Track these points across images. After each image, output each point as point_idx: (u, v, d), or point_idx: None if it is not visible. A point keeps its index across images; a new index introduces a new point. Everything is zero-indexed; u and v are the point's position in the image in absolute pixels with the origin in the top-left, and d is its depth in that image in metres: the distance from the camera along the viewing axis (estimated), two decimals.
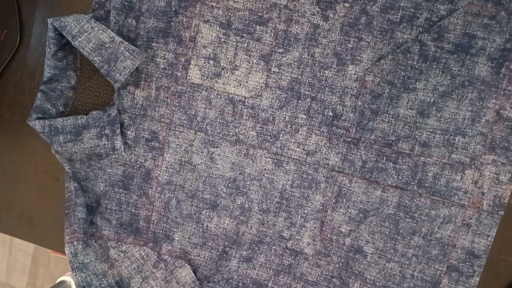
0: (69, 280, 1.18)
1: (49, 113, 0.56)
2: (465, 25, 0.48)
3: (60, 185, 0.62)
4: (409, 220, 0.52)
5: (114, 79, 0.52)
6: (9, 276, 1.46)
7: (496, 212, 0.50)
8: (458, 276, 0.51)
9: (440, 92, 0.49)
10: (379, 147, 0.51)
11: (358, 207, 0.53)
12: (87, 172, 0.58)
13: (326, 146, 0.53)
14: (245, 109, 0.54)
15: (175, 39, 0.54)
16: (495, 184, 0.50)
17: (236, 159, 0.55)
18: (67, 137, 0.54)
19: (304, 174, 0.53)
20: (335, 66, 0.51)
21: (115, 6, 0.53)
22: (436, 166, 0.50)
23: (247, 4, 0.52)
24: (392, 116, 0.51)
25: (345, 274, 0.54)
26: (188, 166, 0.56)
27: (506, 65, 0.48)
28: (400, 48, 0.49)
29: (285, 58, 0.52)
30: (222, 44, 0.53)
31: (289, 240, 0.55)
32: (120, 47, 0.51)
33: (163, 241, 0.57)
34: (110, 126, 0.54)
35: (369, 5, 0.50)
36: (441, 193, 0.51)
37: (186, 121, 0.55)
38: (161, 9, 0.53)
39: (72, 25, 0.51)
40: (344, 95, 0.52)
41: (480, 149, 0.49)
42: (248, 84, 0.53)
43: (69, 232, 0.57)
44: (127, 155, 0.57)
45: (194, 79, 0.54)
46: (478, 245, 0.50)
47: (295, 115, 0.53)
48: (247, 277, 0.56)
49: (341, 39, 0.51)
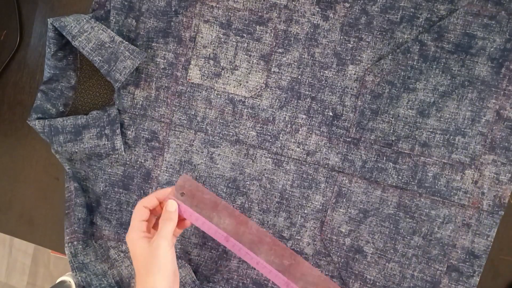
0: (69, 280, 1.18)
1: (49, 113, 0.56)
2: (465, 25, 0.48)
3: (60, 185, 0.62)
4: (409, 220, 0.52)
5: (114, 79, 0.52)
6: (9, 276, 1.46)
7: (496, 212, 0.50)
8: (458, 276, 0.51)
9: (440, 92, 0.49)
10: (379, 147, 0.51)
11: (358, 207, 0.53)
12: (87, 172, 0.58)
13: (326, 146, 0.53)
14: (245, 109, 0.54)
15: (175, 39, 0.54)
16: (495, 184, 0.50)
17: (236, 159, 0.55)
18: (67, 137, 0.54)
19: (304, 174, 0.53)
20: (335, 66, 0.51)
21: (115, 6, 0.53)
22: (436, 166, 0.50)
23: (247, 4, 0.52)
24: (392, 116, 0.51)
25: (345, 274, 0.54)
26: (188, 166, 0.56)
27: (506, 65, 0.48)
28: (400, 48, 0.49)
29: (285, 58, 0.52)
30: (222, 44, 0.53)
31: (289, 240, 0.55)
32: (120, 47, 0.51)
33: None
34: (110, 126, 0.54)
35: (369, 5, 0.50)
36: (441, 193, 0.51)
37: (186, 121, 0.55)
38: (161, 9, 0.53)
39: (72, 25, 0.51)
40: (344, 95, 0.52)
41: (480, 149, 0.49)
42: (248, 84, 0.53)
43: (69, 232, 0.57)
44: (127, 155, 0.57)
45: (194, 79, 0.54)
46: (478, 245, 0.50)
47: (295, 115, 0.53)
48: (247, 277, 0.56)
49: (341, 39, 0.51)
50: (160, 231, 0.45)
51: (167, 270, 0.45)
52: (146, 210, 0.47)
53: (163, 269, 0.44)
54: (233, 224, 0.47)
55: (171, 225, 0.46)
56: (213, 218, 0.47)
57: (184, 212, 0.47)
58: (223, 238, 0.47)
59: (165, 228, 0.45)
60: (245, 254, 0.47)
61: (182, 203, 0.47)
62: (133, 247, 0.45)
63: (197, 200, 0.47)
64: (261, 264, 0.47)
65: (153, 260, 0.44)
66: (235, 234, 0.47)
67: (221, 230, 0.47)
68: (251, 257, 0.47)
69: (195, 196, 0.47)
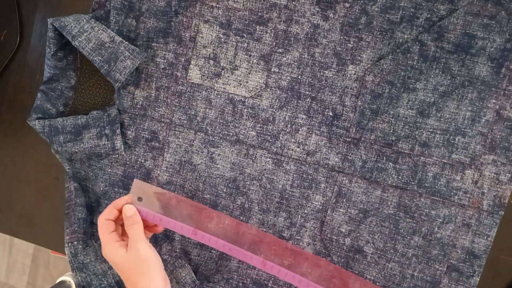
0: (69, 280, 1.18)
1: (49, 113, 0.56)
2: (465, 25, 0.48)
3: (60, 185, 0.62)
4: (409, 220, 0.52)
5: (114, 79, 0.52)
6: (9, 276, 1.46)
7: (496, 212, 0.50)
8: (458, 276, 0.51)
9: (440, 92, 0.49)
10: (379, 147, 0.51)
11: (358, 207, 0.53)
12: (87, 172, 0.58)
13: (326, 146, 0.53)
14: (245, 109, 0.54)
15: (175, 39, 0.54)
16: (495, 184, 0.50)
17: (236, 159, 0.55)
18: (67, 137, 0.54)
19: (304, 174, 0.53)
20: (335, 66, 0.51)
21: (115, 6, 0.53)
22: (436, 166, 0.50)
23: (247, 4, 0.52)
24: (392, 116, 0.51)
25: (345, 274, 0.54)
26: (188, 166, 0.56)
27: (506, 65, 0.48)
28: (400, 48, 0.49)
29: (285, 58, 0.52)
30: (222, 44, 0.53)
31: (289, 240, 0.55)
32: (120, 47, 0.51)
33: (163, 241, 0.57)
34: (110, 126, 0.54)
35: (369, 5, 0.50)
36: (441, 193, 0.51)
37: (186, 121, 0.55)
38: (161, 9, 0.53)
39: (72, 25, 0.51)
40: (344, 95, 0.52)
41: (480, 149, 0.49)
42: (248, 84, 0.53)
43: (69, 232, 0.57)
44: (127, 155, 0.57)
45: (194, 79, 0.54)
46: (478, 245, 0.50)
47: (295, 115, 0.53)
48: (247, 277, 0.56)
49: (341, 39, 0.51)
50: (131, 237, 0.45)
51: (155, 268, 0.45)
52: (110, 222, 0.47)
53: (151, 268, 0.44)
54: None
55: (138, 227, 0.46)
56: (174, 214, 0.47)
57: (146, 215, 0.47)
58: (190, 232, 0.47)
59: (134, 232, 0.45)
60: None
61: (142, 207, 0.47)
62: (113, 259, 0.45)
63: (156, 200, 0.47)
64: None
65: (138, 262, 0.44)
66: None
67: (186, 225, 0.47)
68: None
69: (152, 197, 0.48)
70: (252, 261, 0.47)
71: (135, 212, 0.46)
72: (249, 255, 0.47)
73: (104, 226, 0.46)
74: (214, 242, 0.47)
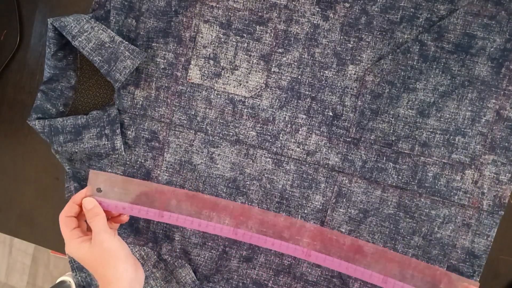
0: (69, 280, 1.18)
1: (49, 113, 0.56)
2: (465, 25, 0.48)
3: (60, 185, 0.62)
4: (409, 220, 0.52)
5: (114, 79, 0.52)
6: (9, 276, 1.46)
7: (496, 212, 0.50)
8: None
9: (440, 92, 0.49)
10: (379, 147, 0.51)
11: (358, 207, 0.53)
12: (87, 172, 0.58)
13: (326, 146, 0.53)
14: (245, 109, 0.54)
15: (175, 39, 0.54)
16: (495, 184, 0.50)
17: (236, 159, 0.55)
18: (67, 137, 0.54)
19: (304, 174, 0.53)
20: (335, 66, 0.51)
21: (115, 6, 0.53)
22: (436, 166, 0.50)
23: (247, 4, 0.52)
24: (392, 116, 0.51)
25: (345, 274, 0.54)
26: (188, 166, 0.56)
27: (506, 65, 0.48)
28: (400, 48, 0.49)
29: (285, 58, 0.52)
30: (222, 44, 0.53)
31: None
32: (120, 47, 0.51)
33: (163, 241, 0.57)
34: (110, 126, 0.54)
35: (369, 5, 0.50)
36: (441, 193, 0.51)
37: (186, 121, 0.55)
38: (161, 9, 0.53)
39: (72, 25, 0.51)
40: (344, 95, 0.52)
41: (480, 149, 0.49)
42: (248, 84, 0.53)
43: None
44: (127, 155, 0.57)
45: (194, 79, 0.54)
46: (478, 245, 0.50)
47: (295, 115, 0.53)
48: (247, 277, 0.56)
49: (341, 39, 0.51)
50: (94, 229, 0.44)
51: (120, 256, 0.44)
52: (71, 218, 0.46)
53: (117, 258, 0.43)
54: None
55: (100, 219, 0.45)
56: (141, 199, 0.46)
57: (108, 206, 0.46)
58: (157, 215, 0.47)
59: (96, 225, 0.44)
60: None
61: (102, 198, 0.46)
62: (78, 254, 0.44)
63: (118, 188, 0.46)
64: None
65: (103, 255, 0.43)
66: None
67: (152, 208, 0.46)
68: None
69: (112, 186, 0.46)
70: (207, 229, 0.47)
71: (95, 204, 0.46)
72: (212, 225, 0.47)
73: (65, 223, 0.45)
74: (182, 220, 0.46)
